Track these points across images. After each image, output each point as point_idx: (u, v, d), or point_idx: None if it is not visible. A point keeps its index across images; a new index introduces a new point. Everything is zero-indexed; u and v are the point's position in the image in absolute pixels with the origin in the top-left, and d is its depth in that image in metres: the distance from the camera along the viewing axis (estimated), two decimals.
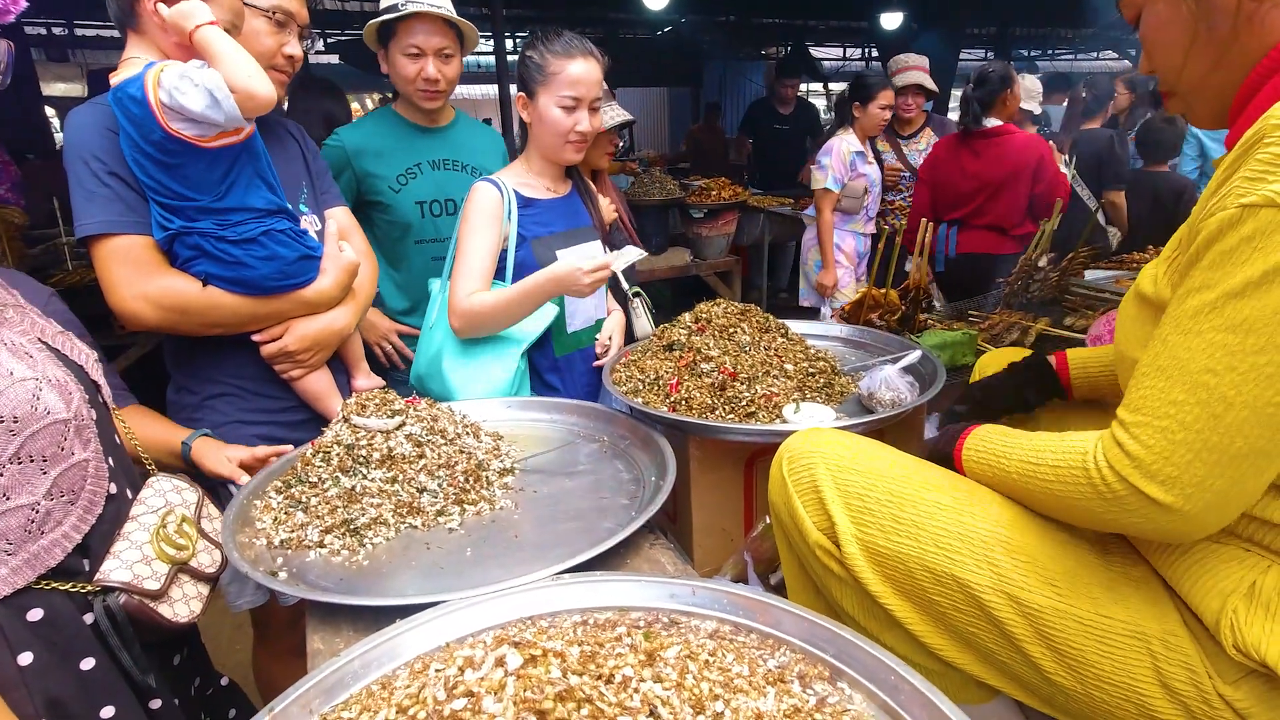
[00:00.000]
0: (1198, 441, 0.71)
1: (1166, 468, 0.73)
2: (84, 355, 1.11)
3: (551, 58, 1.70)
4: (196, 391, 1.51)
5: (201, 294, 1.36)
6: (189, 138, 1.25)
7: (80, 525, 0.98)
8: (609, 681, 0.59)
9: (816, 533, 1.02)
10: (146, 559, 1.02)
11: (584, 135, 1.75)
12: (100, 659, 0.98)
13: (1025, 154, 3.11)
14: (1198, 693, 0.80)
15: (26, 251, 3.17)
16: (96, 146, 1.29)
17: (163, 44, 1.30)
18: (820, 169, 3.61)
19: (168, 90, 1.20)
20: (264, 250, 1.38)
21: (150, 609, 1.00)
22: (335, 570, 1.09)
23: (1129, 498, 0.75)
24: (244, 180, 1.35)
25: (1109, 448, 0.77)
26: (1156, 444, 0.73)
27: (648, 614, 0.91)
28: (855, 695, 0.78)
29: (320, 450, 1.26)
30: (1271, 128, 0.66)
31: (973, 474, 1.01)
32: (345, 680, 0.80)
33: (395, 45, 1.93)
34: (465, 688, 0.52)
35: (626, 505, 1.22)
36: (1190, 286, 0.74)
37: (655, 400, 1.50)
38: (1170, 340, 0.74)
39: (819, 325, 1.99)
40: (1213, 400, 0.70)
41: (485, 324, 1.70)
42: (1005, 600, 0.88)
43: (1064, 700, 0.90)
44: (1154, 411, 0.74)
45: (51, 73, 9.62)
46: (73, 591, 0.96)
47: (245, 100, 1.24)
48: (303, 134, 1.71)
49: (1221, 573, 0.79)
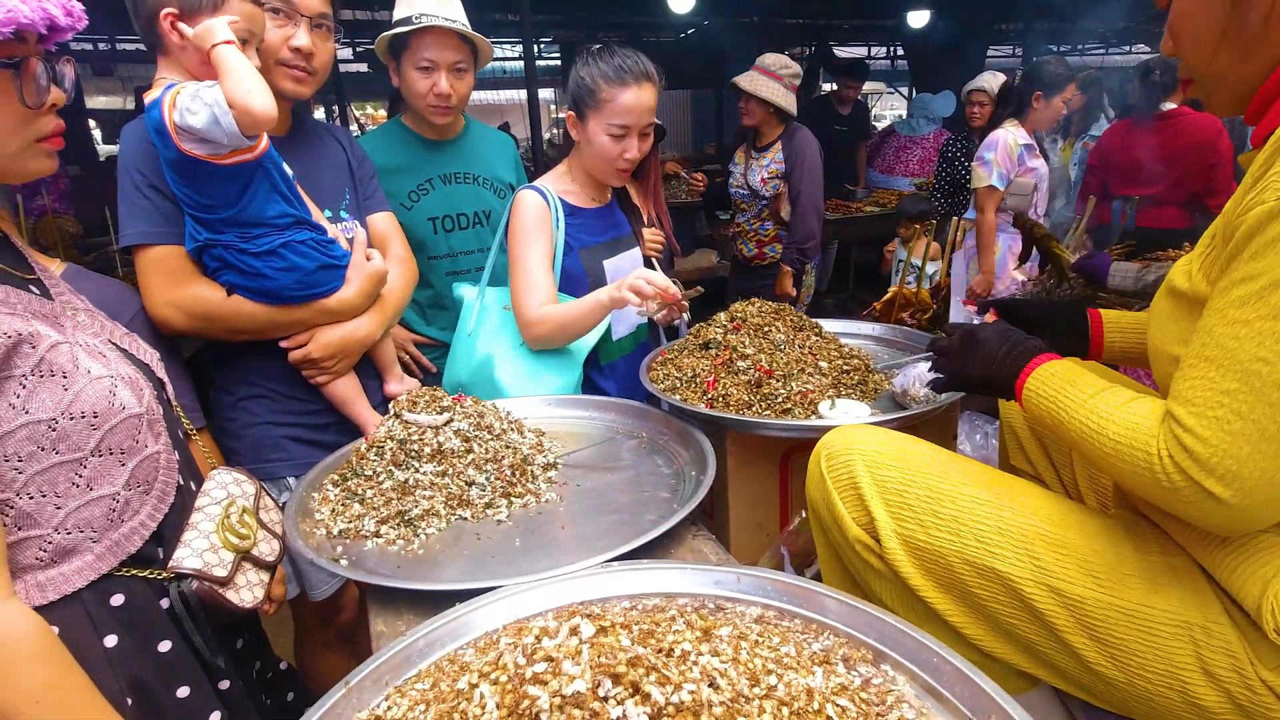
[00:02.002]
0: (1255, 431, 0.71)
1: (1226, 461, 0.72)
2: (149, 354, 1.17)
3: (604, 84, 1.67)
4: (232, 393, 1.58)
5: (225, 302, 1.42)
6: (203, 156, 1.29)
7: (155, 514, 1.03)
8: (669, 654, 0.63)
9: (856, 528, 1.05)
10: (214, 547, 1.06)
11: (632, 163, 1.74)
12: (176, 642, 1.03)
13: (1201, 131, 3.32)
14: (1240, 678, 0.81)
15: (81, 259, 3.31)
16: (140, 160, 1.36)
17: (187, 64, 1.34)
18: (983, 165, 3.34)
19: (180, 111, 1.25)
20: (283, 262, 1.43)
21: (219, 594, 1.05)
22: (392, 559, 1.14)
23: (1187, 490, 0.76)
24: (261, 195, 1.39)
25: (1169, 442, 0.77)
26: (1214, 437, 0.73)
27: (694, 600, 0.94)
28: (899, 677, 0.81)
29: (374, 445, 1.32)
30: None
31: (1029, 412, 0.97)
32: (411, 658, 0.85)
33: (407, 59, 1.87)
34: (544, 653, 0.56)
35: (668, 499, 1.26)
36: (1233, 279, 0.75)
37: (693, 397, 1.53)
38: (1216, 331, 0.75)
39: (851, 324, 2.01)
40: (1266, 388, 0.71)
41: (559, 337, 1.72)
42: (1047, 593, 0.90)
43: (1105, 689, 0.91)
44: (1207, 402, 0.74)
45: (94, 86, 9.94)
46: (150, 578, 1.01)
47: (242, 116, 1.25)
48: (350, 140, 1.76)
49: (1262, 559, 0.80)
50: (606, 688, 0.53)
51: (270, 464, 1.60)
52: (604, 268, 1.85)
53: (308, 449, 1.59)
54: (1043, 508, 0.96)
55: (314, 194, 1.57)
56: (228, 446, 1.60)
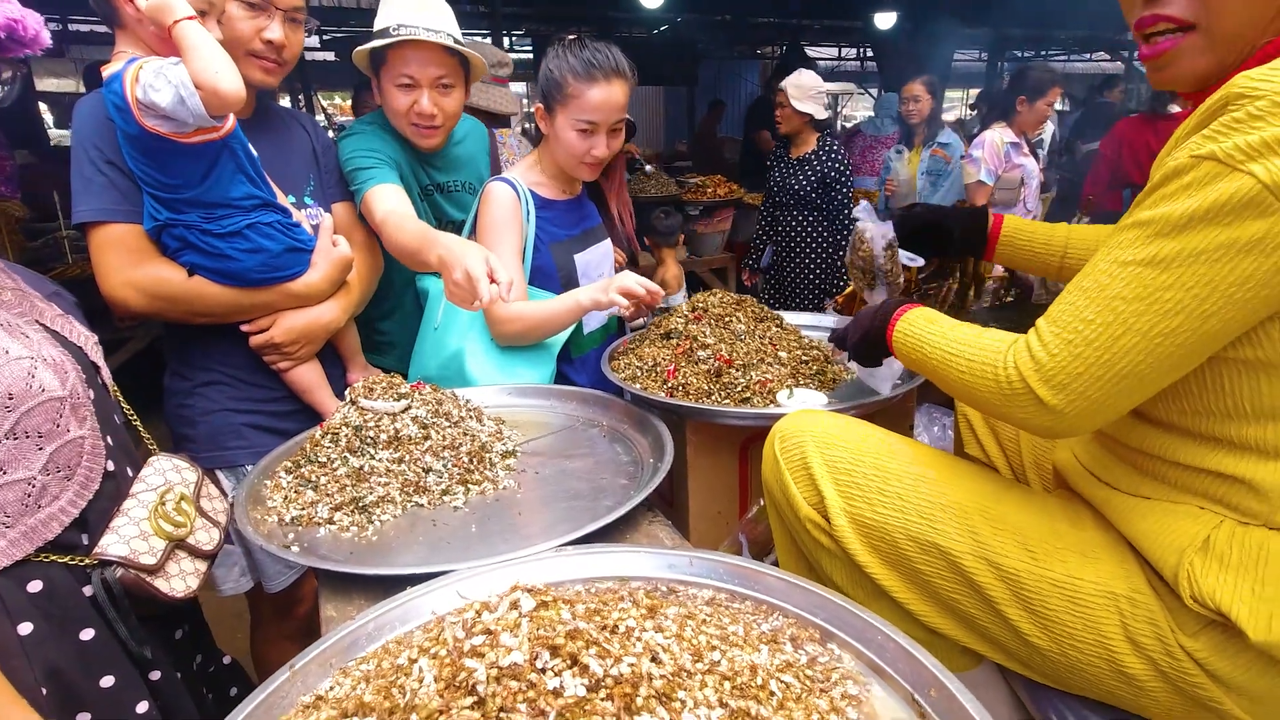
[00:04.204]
0: (1093, 356, 0.79)
1: (1060, 375, 0.81)
2: (83, 338, 1.13)
3: (573, 79, 1.62)
4: (189, 378, 1.55)
5: (187, 283, 1.38)
6: (165, 133, 1.26)
7: (77, 500, 0.99)
8: (614, 631, 0.63)
9: (807, 507, 1.07)
10: (144, 535, 1.03)
11: (599, 160, 1.71)
12: (99, 630, 1.00)
13: None
14: (1162, 646, 0.85)
15: (27, 244, 3.20)
16: (96, 135, 1.32)
17: (145, 38, 1.31)
18: (972, 162, 3.55)
19: (143, 87, 1.21)
20: (248, 243, 1.40)
21: (146, 582, 1.01)
22: (345, 545, 1.13)
23: (1023, 395, 0.84)
24: (227, 175, 1.36)
25: (1019, 351, 0.85)
26: (1061, 353, 0.81)
27: (647, 583, 0.95)
28: (844, 655, 0.82)
29: (329, 432, 1.30)
30: (1235, 95, 0.71)
31: (900, 353, 1.08)
32: (360, 642, 0.84)
33: (386, 74, 1.69)
34: (483, 626, 0.56)
35: (625, 485, 1.26)
36: (1127, 223, 0.80)
37: (653, 386, 1.54)
38: (1099, 266, 0.81)
39: (812, 316, 2.04)
40: (1116, 323, 0.78)
41: (531, 335, 1.70)
42: (985, 566, 0.93)
43: (1040, 661, 0.95)
44: (1067, 325, 0.81)
45: (45, 68, 9.61)
46: (71, 565, 0.98)
47: (210, 97, 1.22)
48: (315, 126, 1.73)
49: (1178, 529, 0.84)
50: (544, 659, 0.53)
51: (229, 451, 1.56)
52: (575, 262, 1.85)
53: (269, 437, 1.56)
54: (984, 486, 0.99)
55: (278, 179, 1.54)
56: (183, 434, 1.57)
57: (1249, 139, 0.68)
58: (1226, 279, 0.72)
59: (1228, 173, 0.70)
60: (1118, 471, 0.95)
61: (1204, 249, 0.72)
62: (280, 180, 1.54)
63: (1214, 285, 0.72)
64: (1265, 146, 0.68)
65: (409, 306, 1.98)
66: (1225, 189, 0.70)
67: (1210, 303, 0.73)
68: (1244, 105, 0.70)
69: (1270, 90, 0.68)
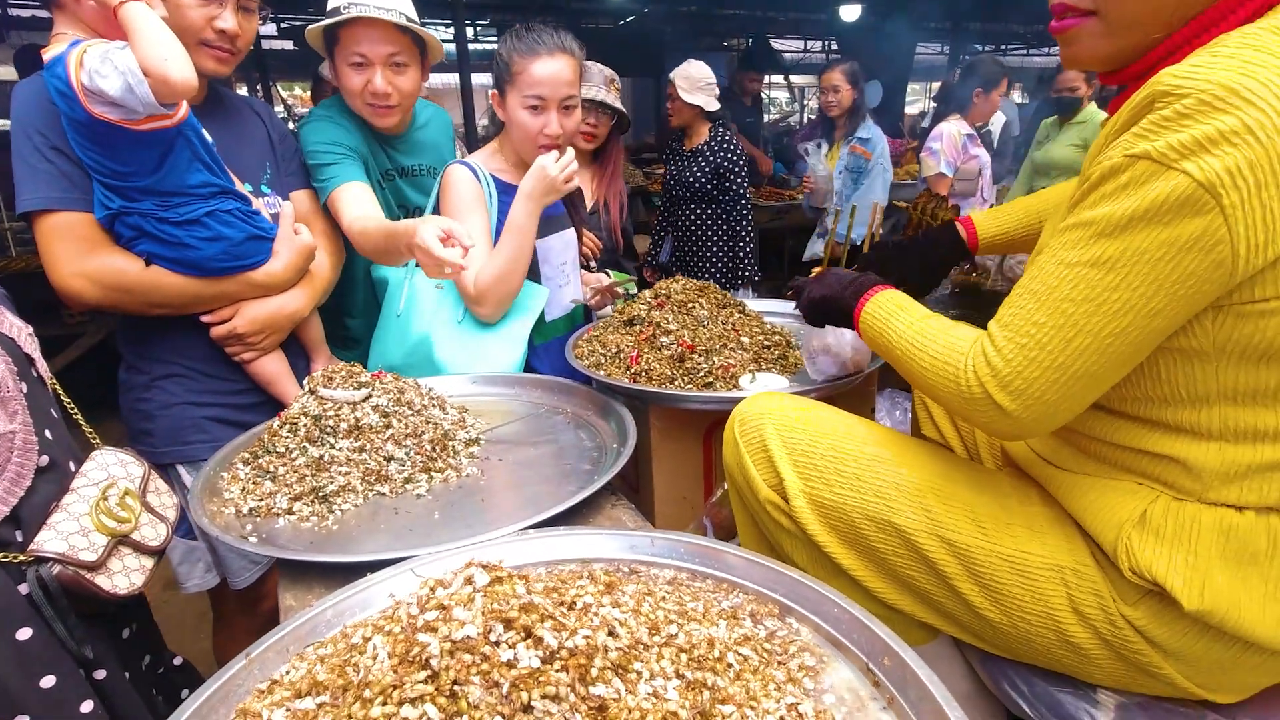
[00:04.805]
0: (1047, 360, 0.80)
1: (1017, 380, 0.82)
2: (16, 329, 1.08)
3: (517, 56, 1.65)
4: (146, 372, 1.51)
5: (144, 273, 1.35)
6: (115, 120, 1.21)
7: (7, 497, 0.96)
8: (570, 607, 0.64)
9: (767, 489, 1.08)
10: (84, 530, 1.00)
11: (553, 138, 1.70)
12: (37, 629, 0.96)
13: None
14: (1104, 615, 0.88)
15: None
16: (40, 121, 1.27)
17: (87, 19, 1.26)
18: (931, 155, 3.58)
19: (89, 73, 1.16)
20: (208, 231, 1.36)
21: (86, 580, 0.98)
22: (305, 535, 1.11)
23: (982, 400, 0.85)
24: (183, 163, 1.32)
25: (977, 357, 0.86)
26: (1016, 358, 0.82)
27: (609, 565, 0.96)
28: (802, 629, 0.84)
29: (287, 422, 1.28)
30: (1161, 94, 0.73)
31: (865, 334, 1.07)
32: (319, 628, 0.83)
33: (340, 53, 1.69)
34: (436, 602, 0.56)
35: (589, 470, 1.27)
36: (1070, 223, 0.81)
37: (617, 372, 1.55)
38: (1045, 269, 0.82)
39: (775, 303, 2.06)
40: (1067, 325, 0.79)
41: (506, 290, 1.67)
42: (938, 542, 0.96)
43: (992, 633, 0.98)
44: (1019, 330, 0.82)
45: None
46: (4, 562, 0.95)
47: (159, 85, 1.18)
48: (270, 114, 1.69)
49: (1117, 504, 0.88)
50: (498, 632, 0.53)
51: (190, 446, 1.53)
52: (536, 247, 1.84)
53: (232, 430, 1.52)
54: (937, 465, 1.01)
55: (234, 168, 1.50)
56: (140, 428, 1.53)
57: (1180, 137, 0.70)
58: (1170, 277, 0.74)
59: (1162, 171, 0.71)
60: (1063, 452, 0.98)
61: (1146, 249, 0.74)
62: (236, 169, 1.51)
63: (1159, 284, 0.74)
64: (1196, 144, 0.69)
65: (374, 300, 1.96)
66: (1162, 188, 0.71)
67: (1156, 301, 0.75)
68: (1170, 103, 0.71)
69: (1194, 88, 0.70)
